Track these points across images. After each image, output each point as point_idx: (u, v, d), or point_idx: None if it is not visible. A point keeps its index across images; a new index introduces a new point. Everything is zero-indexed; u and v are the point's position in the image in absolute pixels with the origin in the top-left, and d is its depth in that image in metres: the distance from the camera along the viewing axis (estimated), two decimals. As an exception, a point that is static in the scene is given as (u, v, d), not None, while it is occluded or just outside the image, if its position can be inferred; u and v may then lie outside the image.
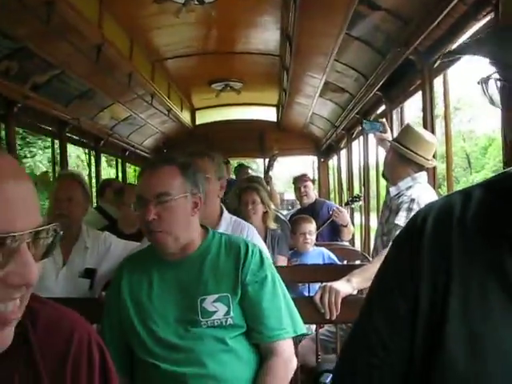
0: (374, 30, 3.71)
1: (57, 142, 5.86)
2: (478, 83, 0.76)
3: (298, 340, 2.62)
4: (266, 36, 5.44)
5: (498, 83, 0.77)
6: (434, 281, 0.87)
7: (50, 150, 6.06)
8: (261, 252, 2.02)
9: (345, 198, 7.86)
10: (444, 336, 0.84)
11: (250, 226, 2.92)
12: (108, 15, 4.16)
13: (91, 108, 5.86)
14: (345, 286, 2.41)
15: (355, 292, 2.61)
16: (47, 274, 2.92)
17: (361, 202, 6.08)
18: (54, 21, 3.39)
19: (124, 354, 1.97)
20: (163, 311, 1.92)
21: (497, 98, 0.79)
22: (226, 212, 2.88)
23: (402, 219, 2.86)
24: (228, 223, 2.83)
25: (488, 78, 0.75)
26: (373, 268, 2.56)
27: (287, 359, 1.96)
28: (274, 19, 4.83)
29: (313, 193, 5.77)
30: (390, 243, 1.08)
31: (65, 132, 5.63)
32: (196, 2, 4.11)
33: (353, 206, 6.11)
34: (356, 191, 7.07)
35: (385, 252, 2.45)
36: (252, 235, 2.81)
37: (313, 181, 6.01)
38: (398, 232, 2.85)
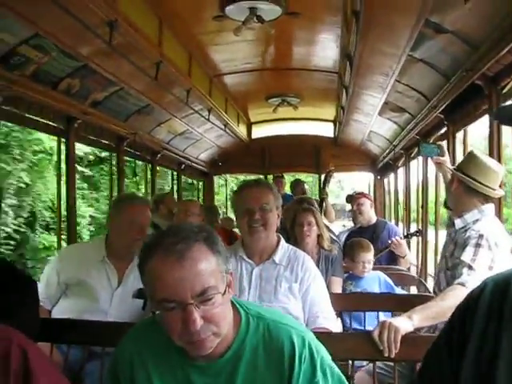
0: (438, 52, 3.58)
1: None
2: None
3: (353, 371, 2.51)
4: (324, 53, 5.39)
5: None
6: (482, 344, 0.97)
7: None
8: (311, 350, 1.53)
9: (400, 214, 7.68)
10: None
11: (305, 255, 2.86)
12: (167, 33, 4.19)
13: (149, 123, 5.93)
14: (405, 323, 2.29)
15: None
16: (102, 293, 2.92)
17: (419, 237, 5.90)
18: (116, 40, 3.42)
19: None
20: None
21: None
22: (283, 240, 2.83)
23: (469, 255, 2.69)
24: (285, 251, 2.78)
25: None
26: (435, 307, 2.45)
27: None
28: (333, 37, 4.77)
29: (370, 213, 5.57)
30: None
31: (123, 146, 5.72)
32: (255, 21, 4.07)
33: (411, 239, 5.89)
34: (413, 210, 6.87)
35: (450, 290, 2.41)
36: (308, 265, 2.77)
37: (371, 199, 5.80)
38: (464, 269, 2.71)
